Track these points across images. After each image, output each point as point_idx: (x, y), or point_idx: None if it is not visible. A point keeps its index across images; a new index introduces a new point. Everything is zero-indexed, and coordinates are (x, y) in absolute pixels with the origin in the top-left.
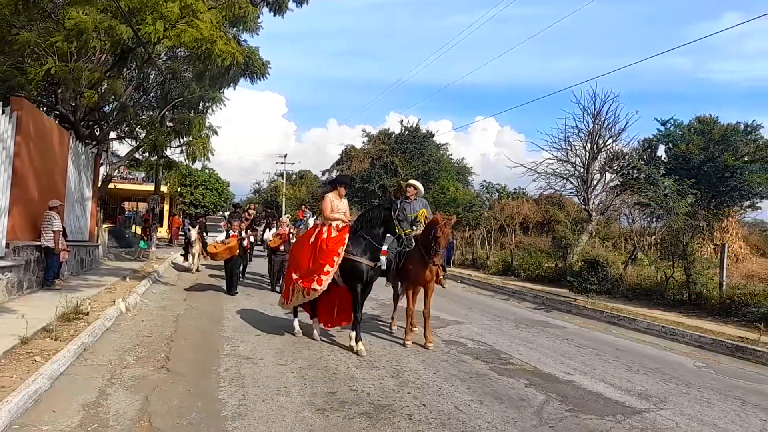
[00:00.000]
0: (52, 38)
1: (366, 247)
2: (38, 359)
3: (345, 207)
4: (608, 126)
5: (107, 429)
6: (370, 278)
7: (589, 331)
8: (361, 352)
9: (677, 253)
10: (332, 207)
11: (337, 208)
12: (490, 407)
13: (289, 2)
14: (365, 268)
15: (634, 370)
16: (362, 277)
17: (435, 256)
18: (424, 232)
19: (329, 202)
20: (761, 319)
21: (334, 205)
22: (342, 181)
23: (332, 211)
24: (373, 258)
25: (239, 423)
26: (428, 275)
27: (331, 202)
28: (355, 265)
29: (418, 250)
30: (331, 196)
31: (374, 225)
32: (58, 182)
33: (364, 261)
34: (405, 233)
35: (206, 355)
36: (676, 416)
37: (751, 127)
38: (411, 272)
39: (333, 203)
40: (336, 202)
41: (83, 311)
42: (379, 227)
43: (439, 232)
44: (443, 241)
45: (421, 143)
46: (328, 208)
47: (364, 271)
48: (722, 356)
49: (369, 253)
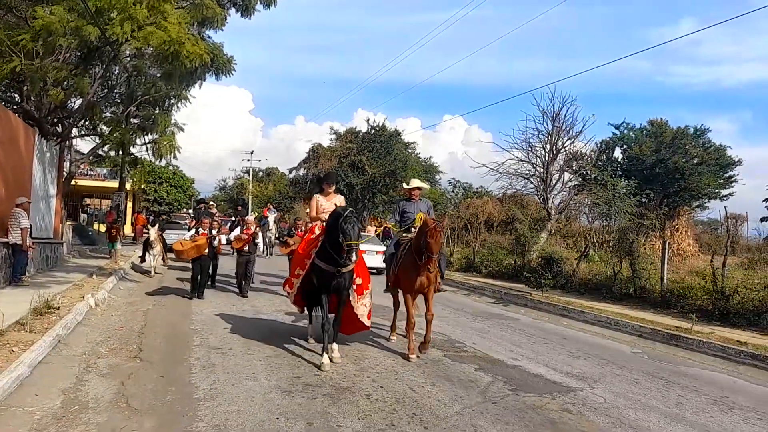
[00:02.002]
0: (18, 37)
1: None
2: (15, 350)
3: (336, 203)
4: (566, 128)
5: (88, 410)
6: (335, 285)
7: (541, 322)
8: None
9: (623, 250)
10: (318, 208)
11: (323, 208)
12: (441, 388)
13: (257, 4)
14: (327, 275)
15: (576, 356)
16: (327, 283)
17: (429, 262)
18: (415, 237)
19: (315, 204)
20: (696, 311)
21: (320, 205)
22: (326, 179)
23: (318, 213)
24: (334, 263)
25: (211, 404)
26: (425, 281)
27: (317, 202)
28: (321, 271)
29: (412, 256)
30: (318, 197)
31: (330, 230)
32: (24, 180)
33: (325, 266)
34: (345, 243)
35: (177, 346)
36: (606, 393)
37: (701, 130)
38: (407, 280)
39: (319, 204)
40: (322, 202)
41: (54, 306)
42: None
43: (429, 237)
44: (435, 246)
45: (388, 142)
46: (313, 210)
47: (327, 278)
48: (659, 344)
49: (330, 260)
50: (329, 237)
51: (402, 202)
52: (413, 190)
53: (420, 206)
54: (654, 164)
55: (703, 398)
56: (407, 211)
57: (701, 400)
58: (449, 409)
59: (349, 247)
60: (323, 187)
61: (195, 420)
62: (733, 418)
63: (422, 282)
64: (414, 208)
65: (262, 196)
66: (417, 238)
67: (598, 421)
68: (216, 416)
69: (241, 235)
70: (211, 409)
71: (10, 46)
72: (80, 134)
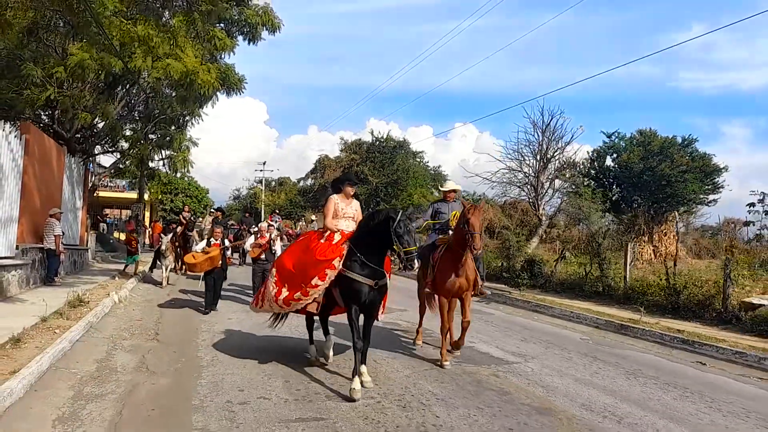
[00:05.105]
0: (53, 69)
1: (360, 263)
2: (57, 331)
3: (355, 209)
4: (555, 139)
5: (117, 372)
6: (370, 300)
7: (512, 316)
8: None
9: (592, 252)
10: (335, 211)
11: (343, 212)
12: (400, 361)
13: (263, 33)
14: (363, 287)
15: (527, 341)
16: (359, 297)
17: (473, 241)
18: (456, 227)
19: (332, 206)
20: (653, 305)
21: (338, 208)
22: (345, 179)
23: (334, 217)
24: (372, 275)
25: (212, 369)
26: (464, 283)
27: (335, 205)
28: (350, 284)
29: (450, 255)
30: (335, 199)
31: (369, 236)
32: (55, 194)
33: (360, 278)
34: (404, 251)
35: (188, 331)
36: (536, 366)
37: (688, 140)
38: (444, 282)
39: (337, 207)
40: (341, 206)
41: (85, 300)
42: (374, 239)
43: (469, 214)
44: (477, 222)
45: (391, 153)
46: (330, 213)
47: (361, 291)
48: (611, 333)
49: (366, 270)
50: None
51: (436, 203)
52: (449, 192)
53: (454, 206)
54: (642, 172)
55: (620, 370)
56: (442, 211)
57: (616, 372)
58: (400, 374)
59: (410, 255)
60: (343, 187)
61: (199, 378)
62: (633, 382)
63: (461, 285)
64: (448, 209)
65: (274, 206)
66: (456, 225)
67: (517, 382)
68: (215, 376)
69: (258, 241)
70: (211, 371)
71: (45, 77)
72: (103, 151)
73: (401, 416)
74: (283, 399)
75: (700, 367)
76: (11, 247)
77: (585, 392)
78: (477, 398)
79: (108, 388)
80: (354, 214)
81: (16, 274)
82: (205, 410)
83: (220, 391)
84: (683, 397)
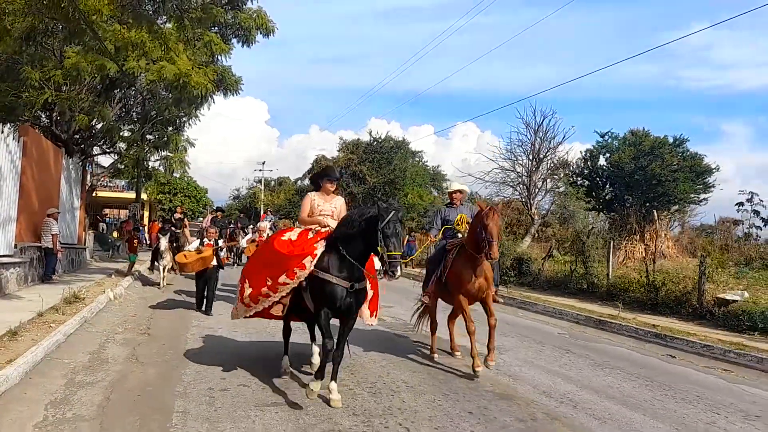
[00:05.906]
0: (51, 73)
1: (340, 262)
2: (53, 325)
3: (336, 206)
4: (548, 139)
5: (108, 363)
6: (346, 305)
7: (497, 313)
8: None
9: (578, 250)
10: (311, 209)
11: (320, 209)
12: (377, 352)
13: (257, 36)
14: (338, 289)
15: (505, 335)
16: (333, 301)
17: (490, 248)
18: (470, 230)
19: (308, 203)
20: (634, 302)
21: (314, 205)
22: (324, 174)
23: (311, 215)
24: (349, 277)
25: (198, 360)
26: (483, 283)
27: (311, 202)
28: (323, 285)
29: (465, 257)
30: (312, 196)
31: (353, 232)
32: (53, 194)
33: (334, 280)
34: (387, 254)
35: (178, 327)
36: (507, 357)
37: (679, 140)
38: (464, 284)
39: (313, 204)
40: (318, 202)
41: (80, 296)
42: (358, 236)
43: (487, 220)
44: (495, 229)
45: (389, 153)
46: (306, 211)
47: (336, 294)
48: (590, 328)
49: (345, 271)
50: (355, 242)
51: (443, 209)
52: (454, 193)
53: (462, 211)
54: (633, 171)
55: (588, 362)
56: (450, 219)
57: (585, 363)
58: (376, 364)
59: (393, 259)
60: (322, 183)
61: (185, 368)
62: (598, 373)
63: (480, 285)
64: (456, 215)
65: (273, 206)
66: (471, 228)
67: (485, 371)
68: (200, 366)
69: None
70: (197, 362)
71: (42, 80)
72: (101, 152)
73: (370, 401)
74: (261, 387)
75: (668, 360)
76: (10, 246)
77: (549, 381)
78: (445, 386)
79: (98, 376)
80: (333, 211)
81: (14, 272)
82: (188, 396)
83: (203, 380)
84: (643, 386)
